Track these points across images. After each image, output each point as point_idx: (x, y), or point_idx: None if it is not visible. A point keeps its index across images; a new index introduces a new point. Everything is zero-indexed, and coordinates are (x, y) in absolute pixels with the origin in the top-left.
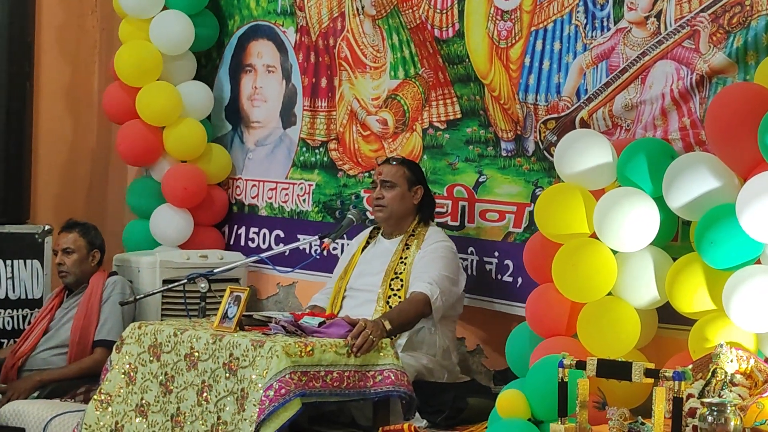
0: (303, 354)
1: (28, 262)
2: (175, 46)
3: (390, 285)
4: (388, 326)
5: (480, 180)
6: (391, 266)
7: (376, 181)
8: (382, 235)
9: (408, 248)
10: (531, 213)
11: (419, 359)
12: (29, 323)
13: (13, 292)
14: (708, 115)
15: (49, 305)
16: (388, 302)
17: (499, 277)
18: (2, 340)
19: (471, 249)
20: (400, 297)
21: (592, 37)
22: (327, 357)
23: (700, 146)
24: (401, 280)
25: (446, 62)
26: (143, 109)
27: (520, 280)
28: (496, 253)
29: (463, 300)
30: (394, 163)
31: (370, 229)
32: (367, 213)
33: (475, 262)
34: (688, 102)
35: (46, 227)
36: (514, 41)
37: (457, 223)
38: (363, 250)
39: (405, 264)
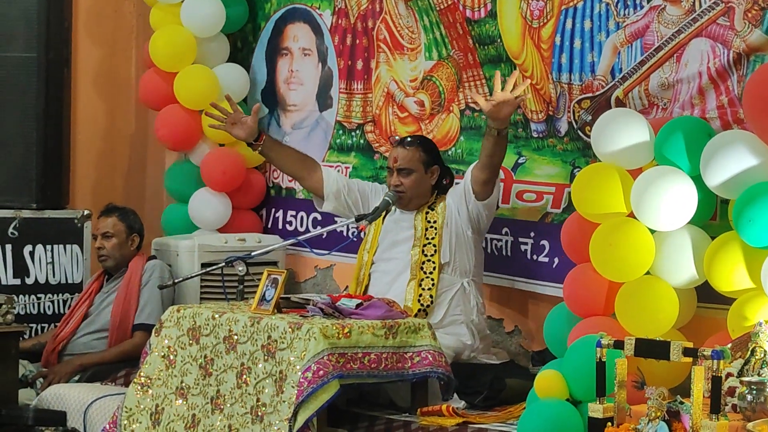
0: (340, 336)
1: (68, 246)
2: (206, 28)
3: (423, 251)
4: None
5: (519, 161)
6: (421, 232)
7: (392, 167)
8: (396, 207)
9: (432, 210)
10: (570, 194)
11: (459, 335)
12: (69, 307)
13: (53, 276)
14: (746, 93)
15: (89, 289)
16: (422, 268)
17: (535, 257)
18: (43, 325)
19: (505, 230)
20: (434, 263)
21: (624, 15)
22: (364, 339)
23: (738, 124)
24: (434, 246)
25: (476, 43)
26: (181, 94)
27: (556, 260)
28: (532, 234)
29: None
30: (408, 147)
31: None
32: None
33: (509, 242)
34: (725, 80)
35: (86, 212)
36: (545, 20)
37: None
38: (382, 225)
39: (435, 228)
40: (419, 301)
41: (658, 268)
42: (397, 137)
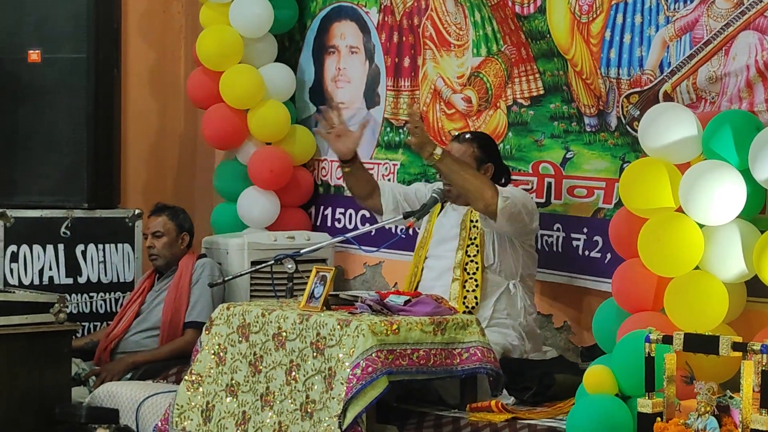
0: (389, 332)
1: (119, 245)
2: (255, 28)
3: (466, 251)
4: (438, 149)
5: (567, 156)
6: (465, 233)
7: None
8: (451, 203)
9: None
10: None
11: (506, 335)
12: (121, 306)
13: (105, 275)
14: None
15: (140, 288)
16: (465, 269)
17: (587, 253)
18: (95, 323)
19: (557, 225)
20: (477, 263)
21: (674, 9)
22: (413, 335)
23: None
24: (477, 246)
25: (528, 38)
26: (227, 93)
27: (609, 255)
28: (585, 229)
29: (536, 259)
30: (463, 142)
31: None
32: None
33: (561, 238)
34: None
35: (136, 211)
36: (595, 15)
37: (543, 200)
38: (435, 219)
39: (477, 227)
40: (464, 302)
41: (707, 263)
42: (456, 133)
